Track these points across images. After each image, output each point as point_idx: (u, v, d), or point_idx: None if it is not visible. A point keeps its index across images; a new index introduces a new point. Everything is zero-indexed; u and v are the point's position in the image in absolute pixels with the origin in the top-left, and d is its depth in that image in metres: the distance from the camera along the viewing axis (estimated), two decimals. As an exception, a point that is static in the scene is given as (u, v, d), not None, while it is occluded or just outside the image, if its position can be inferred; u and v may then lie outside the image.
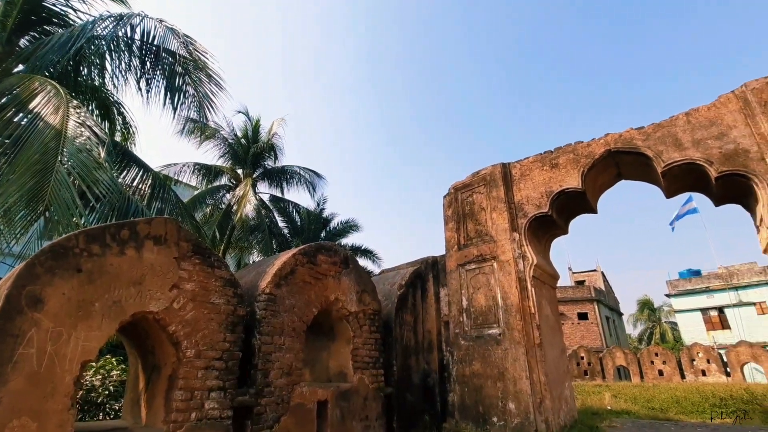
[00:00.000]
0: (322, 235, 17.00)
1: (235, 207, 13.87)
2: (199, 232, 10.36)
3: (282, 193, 16.51)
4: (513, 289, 6.55)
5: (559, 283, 8.76)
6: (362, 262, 17.27)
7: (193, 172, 15.20)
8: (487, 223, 7.29)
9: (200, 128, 13.20)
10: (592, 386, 14.61)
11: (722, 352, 17.22)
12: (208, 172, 15.43)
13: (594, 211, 7.35)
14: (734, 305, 26.02)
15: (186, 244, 4.15)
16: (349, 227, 17.44)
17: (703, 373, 16.26)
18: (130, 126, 9.37)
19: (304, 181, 16.29)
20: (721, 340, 24.23)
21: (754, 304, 25.43)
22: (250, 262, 15.83)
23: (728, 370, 16.01)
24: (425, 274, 7.91)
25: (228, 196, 15.57)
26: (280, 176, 16.23)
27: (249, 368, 4.49)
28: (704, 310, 27.35)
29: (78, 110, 5.78)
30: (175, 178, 14.84)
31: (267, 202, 16.43)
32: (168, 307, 3.84)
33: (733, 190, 5.75)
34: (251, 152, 15.43)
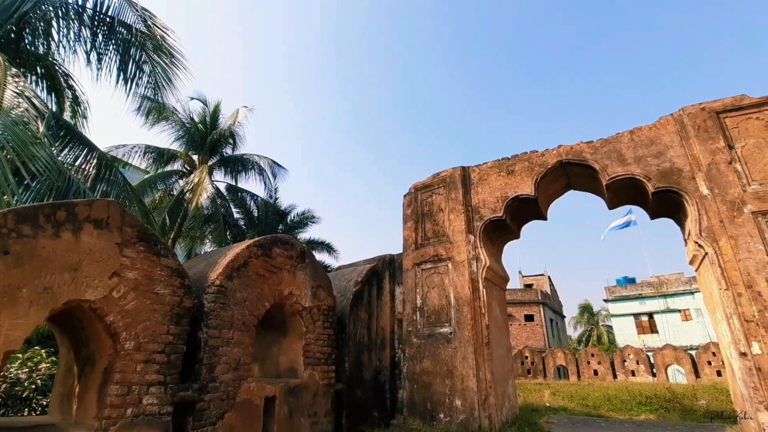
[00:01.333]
0: (280, 227, 16.62)
1: (188, 194, 13.23)
2: (147, 218, 9.81)
3: (239, 182, 15.98)
4: (466, 289, 6.75)
5: (509, 286, 9.12)
6: (320, 255, 17.08)
7: (144, 154, 14.33)
8: (444, 224, 7.45)
9: (156, 108, 12.48)
10: (533, 384, 15.36)
11: (650, 354, 18.74)
12: (160, 155, 14.60)
13: (544, 218, 7.72)
14: (662, 312, 28.42)
15: (130, 229, 3.92)
16: (307, 219, 17.13)
17: (633, 374, 17.62)
18: (81, 101, 8.67)
19: (263, 171, 15.84)
20: (649, 343, 26.34)
21: (679, 311, 27.89)
22: (202, 252, 15.20)
23: (654, 371, 17.45)
24: (382, 272, 7.97)
25: (181, 182, 14.83)
26: (238, 165, 15.68)
27: (194, 362, 4.32)
28: (636, 315, 29.64)
29: (17, 79, 5.29)
30: (124, 160, 13.94)
31: (223, 191, 15.83)
32: (107, 295, 3.61)
33: (667, 205, 6.25)
34: (209, 139, 14.78)
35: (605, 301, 32.50)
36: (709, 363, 16.17)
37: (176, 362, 4.05)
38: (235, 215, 16.14)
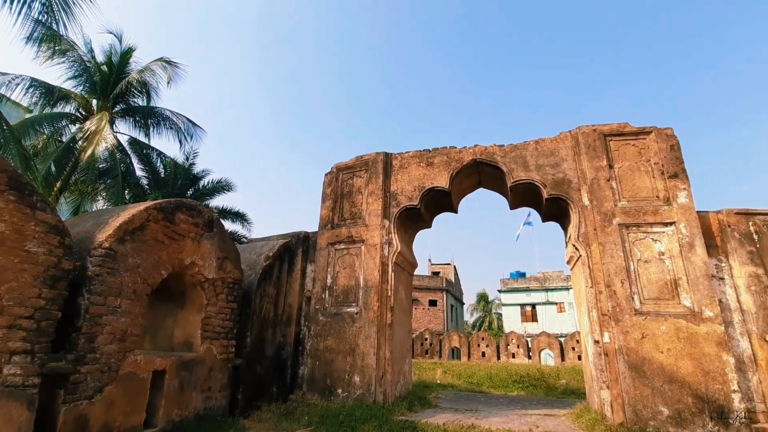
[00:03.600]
0: (190, 192, 15.36)
1: (82, 143, 11.57)
2: (26, 163, 8.43)
3: (148, 138, 14.31)
4: (375, 272, 6.99)
5: (418, 272, 9.63)
6: (233, 225, 16.22)
7: (28, 89, 12.06)
8: (362, 206, 7.58)
9: (50, 38, 10.50)
10: (430, 363, 16.56)
11: (529, 339, 21.33)
12: (49, 93, 12.43)
13: (455, 211, 8.25)
14: (543, 303, 32.64)
15: (-1, 175, 3.37)
16: (221, 187, 16.02)
17: (513, 356, 19.98)
18: None
19: (176, 128, 14.34)
20: (530, 330, 29.92)
21: (556, 303, 32.23)
22: (93, 210, 13.50)
23: (530, 354, 19.93)
24: (295, 249, 7.88)
25: (73, 127, 12.89)
26: (147, 118, 14.04)
27: (71, 331, 3.91)
28: (523, 306, 33.69)
29: None
30: (1, 92, 11.65)
31: (125, 145, 14.12)
32: (-40, 249, 3.08)
33: (556, 210, 7.10)
34: (117, 85, 12.93)
35: (499, 291, 36.04)
36: (573, 349, 18.92)
37: (48, 330, 3.63)
38: (138, 173, 14.53)
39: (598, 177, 6.34)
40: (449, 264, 42.79)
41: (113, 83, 13.11)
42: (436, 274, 39.85)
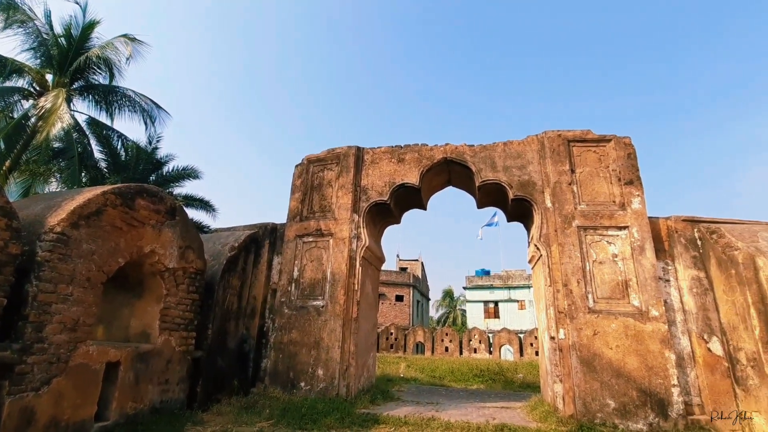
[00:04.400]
0: (152, 178, 14.73)
1: (35, 119, 10.86)
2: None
3: (111, 119, 13.54)
4: (343, 266, 7.00)
5: (386, 267, 9.69)
6: (197, 213, 15.71)
7: (-26, 59, 11.21)
8: (332, 199, 7.55)
9: (6, 6, 9.69)
10: (394, 357, 16.77)
11: (491, 335, 22.00)
12: (0, 65, 11.58)
13: (424, 208, 8.37)
14: (506, 301, 33.76)
15: (-62, 151, 3.12)
16: (187, 174, 15.42)
17: (475, 351, 20.56)
18: None
19: (139, 109, 13.66)
20: (492, 326, 30.86)
21: (518, 301, 33.42)
22: (46, 192, 12.69)
23: (491, 349, 20.58)
24: (262, 240, 7.76)
25: (26, 103, 12.05)
26: (108, 97, 13.28)
27: (17, 319, 3.69)
28: (486, 302, 34.73)
29: None
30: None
31: (83, 125, 13.35)
32: None
33: (521, 210, 7.34)
34: (76, 60, 12.14)
35: (464, 288, 36.89)
36: (531, 344, 19.68)
37: (-9, 317, 3.42)
38: (97, 155, 13.79)
39: (561, 181, 6.60)
40: (417, 260, 43.32)
41: (72, 58, 12.33)
42: (403, 269, 40.26)
